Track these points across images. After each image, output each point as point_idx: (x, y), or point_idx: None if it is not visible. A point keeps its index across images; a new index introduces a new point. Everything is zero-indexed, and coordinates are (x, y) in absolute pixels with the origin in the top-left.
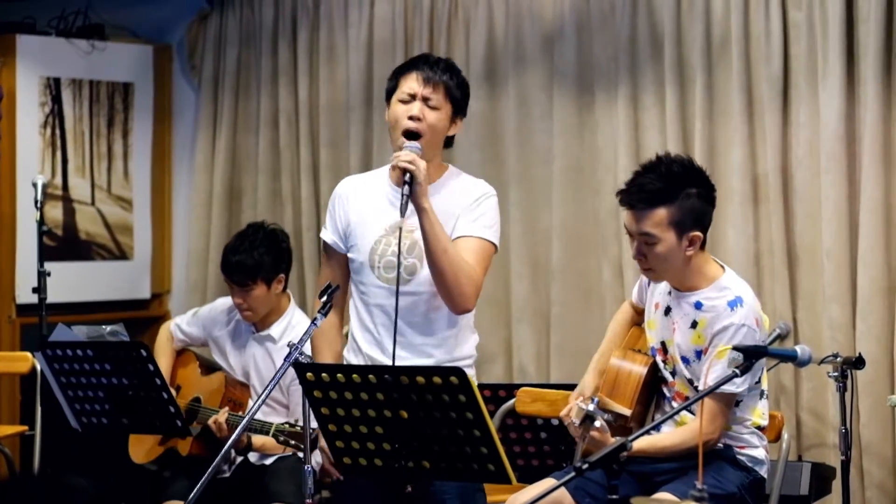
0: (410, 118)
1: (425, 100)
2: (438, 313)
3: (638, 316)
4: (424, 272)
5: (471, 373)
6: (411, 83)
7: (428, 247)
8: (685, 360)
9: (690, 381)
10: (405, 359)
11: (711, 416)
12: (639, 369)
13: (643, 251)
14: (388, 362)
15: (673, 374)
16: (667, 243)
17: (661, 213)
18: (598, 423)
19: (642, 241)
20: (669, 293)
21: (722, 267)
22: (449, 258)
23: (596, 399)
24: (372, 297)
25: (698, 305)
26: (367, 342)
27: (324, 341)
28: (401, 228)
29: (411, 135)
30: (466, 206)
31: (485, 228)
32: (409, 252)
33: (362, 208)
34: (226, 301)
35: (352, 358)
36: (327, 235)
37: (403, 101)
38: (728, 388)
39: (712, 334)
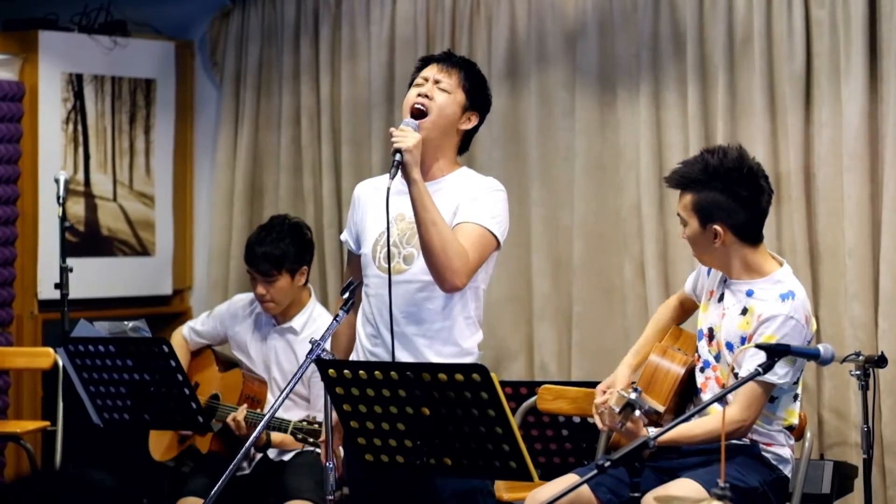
0: (419, 95)
1: (437, 82)
2: (433, 304)
3: (682, 311)
4: (421, 261)
5: (475, 356)
6: (427, 71)
7: (417, 218)
8: (729, 345)
9: (732, 369)
10: (396, 349)
11: (749, 401)
12: (677, 368)
13: (683, 232)
14: (384, 353)
15: (717, 358)
16: (691, 228)
17: (687, 198)
18: (637, 413)
19: (680, 221)
20: (724, 281)
21: (780, 263)
22: (438, 230)
23: (639, 388)
24: (372, 287)
25: (750, 293)
26: (367, 334)
27: (336, 345)
28: (388, 191)
29: (418, 114)
30: (470, 196)
31: (487, 218)
32: (407, 242)
33: (371, 205)
34: (244, 297)
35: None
36: (344, 237)
37: (417, 86)
38: (769, 377)
39: (759, 322)
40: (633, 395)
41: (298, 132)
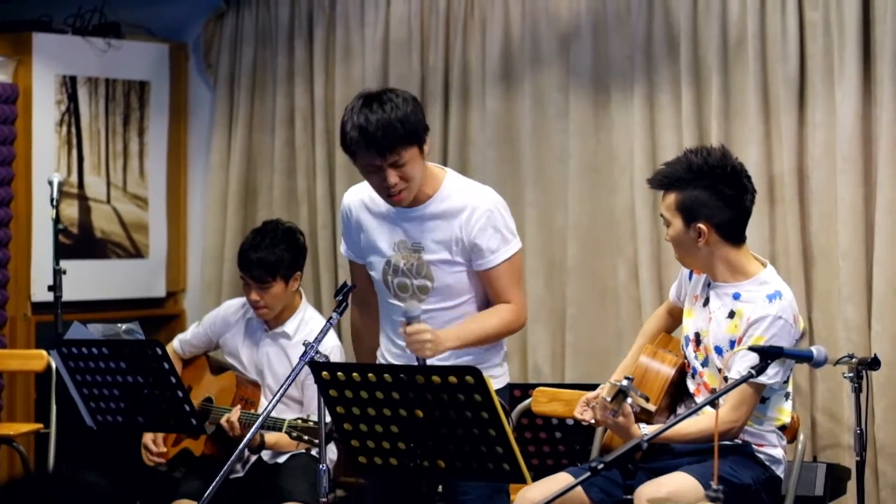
0: (387, 190)
1: (393, 165)
2: (462, 319)
3: (672, 320)
4: (436, 286)
5: (504, 368)
6: (367, 159)
7: (471, 346)
8: (718, 349)
9: (722, 372)
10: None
11: (739, 402)
12: (667, 369)
13: (667, 233)
14: None
15: (704, 364)
16: (675, 228)
17: (670, 197)
18: (629, 400)
19: (663, 222)
20: (709, 285)
21: (763, 264)
22: (493, 329)
23: (631, 377)
24: (394, 313)
25: (736, 296)
26: (394, 356)
27: (360, 347)
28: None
29: (399, 200)
30: (479, 234)
31: (506, 249)
32: (417, 273)
33: (369, 228)
34: (234, 302)
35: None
36: (345, 250)
37: (370, 172)
38: (760, 378)
39: (748, 324)
40: (624, 382)
41: (292, 134)
